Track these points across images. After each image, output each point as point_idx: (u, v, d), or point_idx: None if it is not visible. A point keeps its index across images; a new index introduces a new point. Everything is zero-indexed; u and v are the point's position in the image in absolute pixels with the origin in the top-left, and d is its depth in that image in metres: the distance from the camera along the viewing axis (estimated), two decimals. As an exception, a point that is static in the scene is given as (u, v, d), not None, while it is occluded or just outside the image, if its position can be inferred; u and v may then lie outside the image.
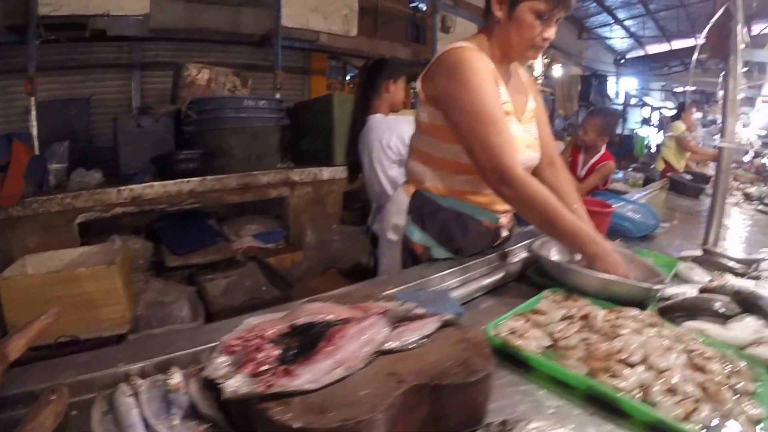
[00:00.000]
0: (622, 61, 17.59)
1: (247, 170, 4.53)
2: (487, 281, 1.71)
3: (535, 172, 1.98)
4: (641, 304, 1.55)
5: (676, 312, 1.55)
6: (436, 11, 7.43)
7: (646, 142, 14.75)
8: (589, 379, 1.09)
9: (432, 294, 1.40)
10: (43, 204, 3.55)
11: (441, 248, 1.85)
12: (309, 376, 0.83)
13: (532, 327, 1.31)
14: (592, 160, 4.41)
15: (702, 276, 1.94)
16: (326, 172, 5.05)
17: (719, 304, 1.50)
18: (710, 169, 6.50)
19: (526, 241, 2.02)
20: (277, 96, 5.27)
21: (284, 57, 5.57)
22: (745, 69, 5.65)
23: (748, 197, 5.08)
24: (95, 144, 4.92)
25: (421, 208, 1.87)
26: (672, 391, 1.04)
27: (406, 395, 0.84)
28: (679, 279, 1.97)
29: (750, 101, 8.50)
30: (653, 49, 16.60)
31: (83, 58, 4.93)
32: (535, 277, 1.76)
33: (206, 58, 5.63)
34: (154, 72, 5.49)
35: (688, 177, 5.41)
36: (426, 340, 1.00)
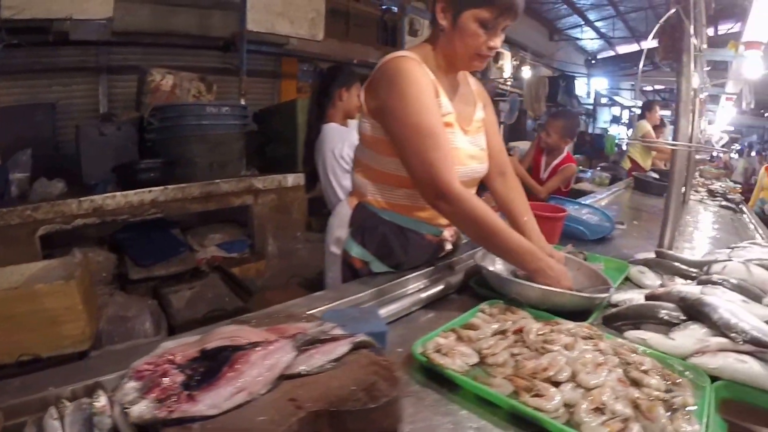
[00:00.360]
0: (593, 61, 17.75)
1: (209, 179, 4.44)
2: (425, 294, 1.64)
3: (486, 182, 1.97)
4: (585, 314, 1.50)
5: (620, 320, 1.50)
6: (405, 14, 7.38)
7: (617, 141, 14.85)
8: (512, 399, 1.04)
9: (358, 311, 1.35)
10: (3, 216, 3.42)
11: (380, 263, 1.80)
12: (210, 401, 0.83)
13: (461, 343, 1.26)
14: (555, 162, 4.37)
15: (653, 280, 1.90)
16: (290, 179, 4.96)
17: (664, 311, 1.45)
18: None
19: (471, 251, 1.98)
20: (242, 102, 5.20)
21: (253, 61, 5.50)
22: (707, 68, 5.70)
23: (711, 194, 5.12)
24: (61, 151, 4.70)
25: (362, 222, 1.82)
26: (600, 409, 0.99)
27: (303, 422, 0.82)
28: (631, 283, 1.93)
29: (715, 99, 8.55)
30: (623, 49, 16.80)
31: (48, 62, 4.75)
32: (477, 288, 1.71)
33: (175, 61, 5.46)
34: (121, 76, 5.33)
35: (654, 175, 5.42)
36: (334, 363, 0.98)
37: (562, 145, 4.33)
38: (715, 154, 12.22)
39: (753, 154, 16.46)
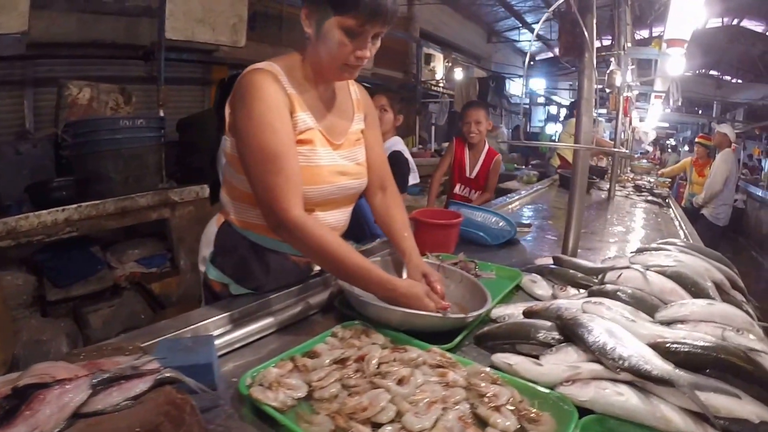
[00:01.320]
0: (532, 62, 17.83)
1: (125, 193, 4.18)
2: (279, 317, 1.51)
3: (365, 197, 1.85)
4: (455, 335, 1.36)
5: (492, 340, 1.33)
6: None
7: (552, 139, 15.00)
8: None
9: (191, 341, 1.23)
10: None
11: (239, 285, 1.66)
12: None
13: (294, 373, 1.12)
14: (481, 158, 4.26)
15: (546, 290, 1.76)
16: (208, 190, 4.65)
17: (542, 332, 1.26)
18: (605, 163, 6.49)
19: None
20: (161, 112, 4.97)
21: (181, 68, 5.28)
22: (631, 66, 5.67)
23: (638, 189, 5.10)
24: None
25: (223, 242, 1.68)
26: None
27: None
28: (525, 294, 1.80)
29: (645, 97, 8.59)
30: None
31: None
32: (342, 309, 1.56)
33: (101, 72, 5.30)
34: (47, 89, 5.02)
35: None
36: (132, 402, 0.91)
37: (483, 142, 4.25)
38: (647, 149, 12.39)
39: (686, 148, 16.77)
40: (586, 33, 1.91)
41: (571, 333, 1.20)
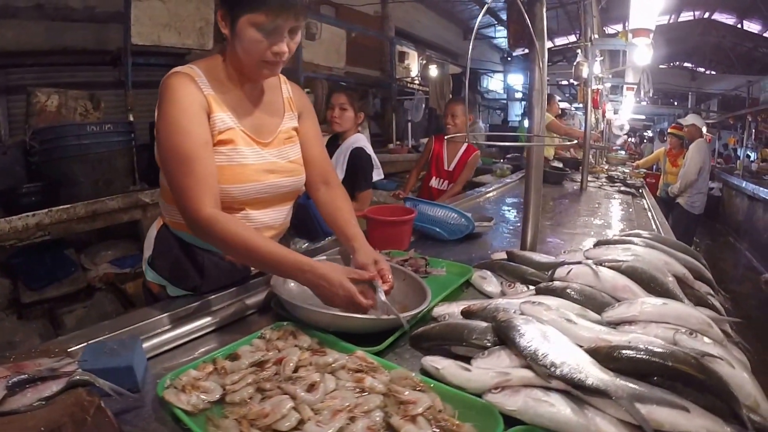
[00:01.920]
0: (509, 58, 17.81)
1: (95, 197, 4.14)
2: (211, 319, 1.45)
3: (309, 193, 1.84)
4: (386, 334, 1.28)
5: (427, 341, 1.24)
6: None
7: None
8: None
9: (117, 344, 1.18)
10: None
11: (175, 286, 1.64)
12: None
13: (212, 376, 1.07)
14: (460, 151, 4.24)
15: (496, 286, 1.67)
16: (179, 191, 4.59)
17: (476, 334, 1.16)
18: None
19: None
20: (131, 117, 4.88)
21: (153, 73, 5.11)
22: (600, 58, 5.60)
23: (611, 179, 5.05)
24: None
25: (160, 244, 1.67)
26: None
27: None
28: (475, 291, 1.71)
29: (618, 89, 8.56)
30: (537, 46, 16.93)
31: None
32: (277, 309, 1.49)
33: (73, 78, 5.27)
34: (17, 97, 5.01)
35: (556, 164, 5.36)
36: (43, 402, 0.90)
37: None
38: (624, 139, 12.37)
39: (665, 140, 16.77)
40: (527, 19, 1.81)
41: (503, 336, 1.10)
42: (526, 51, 2.08)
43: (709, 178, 6.95)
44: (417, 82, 11.72)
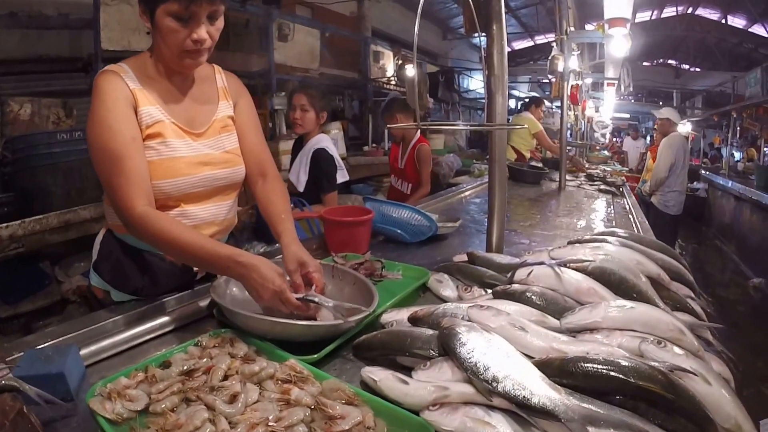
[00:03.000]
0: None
1: (68, 206, 4.08)
2: (160, 322, 1.44)
3: (248, 187, 1.81)
4: (328, 341, 1.21)
5: (369, 351, 1.16)
6: (272, 19, 7.14)
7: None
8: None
9: (53, 350, 1.17)
10: None
11: (118, 291, 1.63)
12: None
13: (141, 385, 1.03)
14: (409, 147, 4.27)
15: (453, 290, 1.58)
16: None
17: (419, 343, 1.07)
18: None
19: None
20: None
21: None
22: (577, 52, 5.54)
23: (590, 178, 5.00)
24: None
25: (104, 248, 1.66)
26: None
27: None
28: (432, 295, 1.63)
29: (599, 86, 8.53)
30: (518, 45, 16.97)
31: None
32: (218, 317, 1.43)
33: (48, 86, 5.27)
34: None
35: (535, 164, 5.34)
36: None
37: (412, 132, 4.24)
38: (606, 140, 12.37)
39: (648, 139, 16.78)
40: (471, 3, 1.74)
41: (445, 345, 1.01)
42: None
43: (686, 175, 6.66)
44: (393, 82, 11.62)
